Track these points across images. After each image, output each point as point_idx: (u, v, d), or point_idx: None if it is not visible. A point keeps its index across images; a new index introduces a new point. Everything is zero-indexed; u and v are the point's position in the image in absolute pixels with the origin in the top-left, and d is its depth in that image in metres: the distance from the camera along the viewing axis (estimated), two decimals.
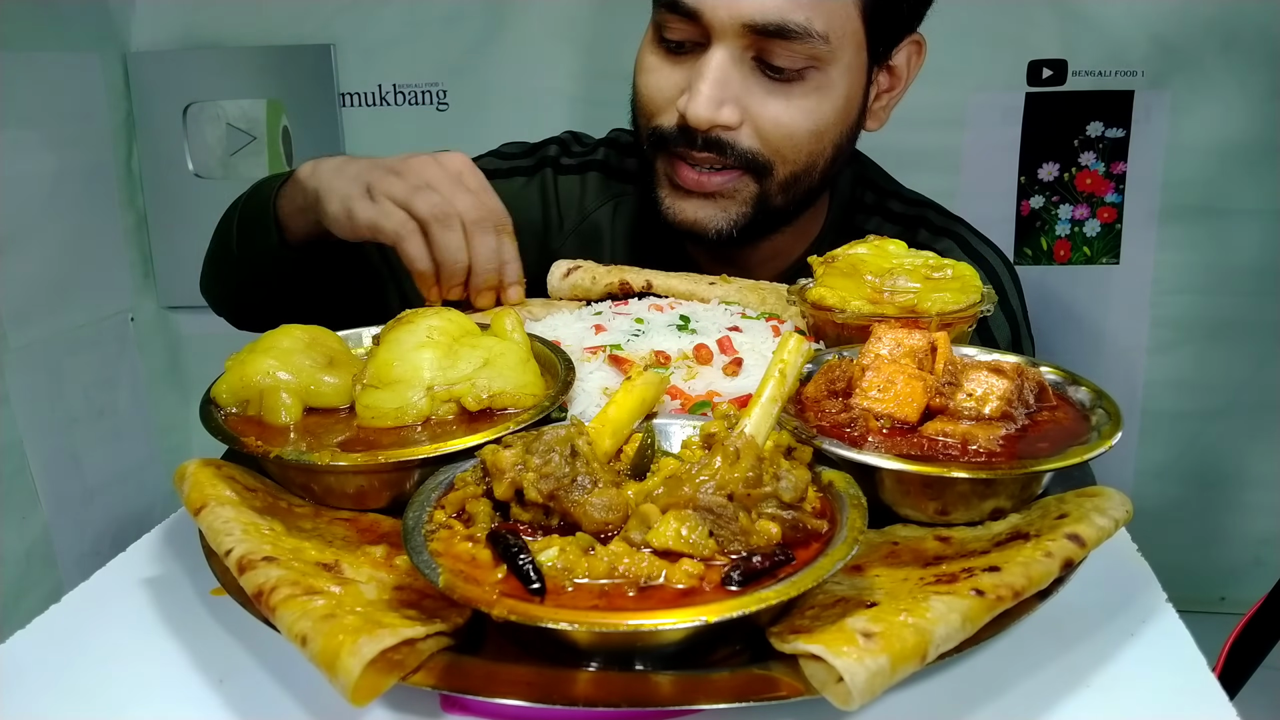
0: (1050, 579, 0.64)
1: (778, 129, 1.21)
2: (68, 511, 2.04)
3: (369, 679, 0.56)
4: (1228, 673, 1.42)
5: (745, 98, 1.19)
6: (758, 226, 1.28)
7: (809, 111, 1.21)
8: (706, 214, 1.26)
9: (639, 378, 0.80)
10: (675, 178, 1.26)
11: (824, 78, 1.20)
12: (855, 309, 0.97)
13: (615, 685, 0.58)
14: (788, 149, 1.23)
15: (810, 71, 1.19)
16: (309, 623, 0.58)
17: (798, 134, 1.22)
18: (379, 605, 0.62)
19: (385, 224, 1.10)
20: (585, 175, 1.46)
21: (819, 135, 1.24)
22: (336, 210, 1.14)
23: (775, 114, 1.20)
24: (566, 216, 1.45)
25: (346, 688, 0.55)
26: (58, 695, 0.65)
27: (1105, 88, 2.10)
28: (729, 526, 0.63)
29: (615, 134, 1.50)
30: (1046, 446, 0.74)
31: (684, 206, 1.27)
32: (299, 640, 0.58)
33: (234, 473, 0.78)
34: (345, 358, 0.88)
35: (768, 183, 1.24)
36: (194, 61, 2.25)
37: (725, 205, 1.26)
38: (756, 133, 1.21)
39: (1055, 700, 0.62)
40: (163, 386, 2.34)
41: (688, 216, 1.27)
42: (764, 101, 1.20)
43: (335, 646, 0.56)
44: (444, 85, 2.21)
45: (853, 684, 0.53)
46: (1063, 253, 2.21)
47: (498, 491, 0.68)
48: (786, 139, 1.22)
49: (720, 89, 1.17)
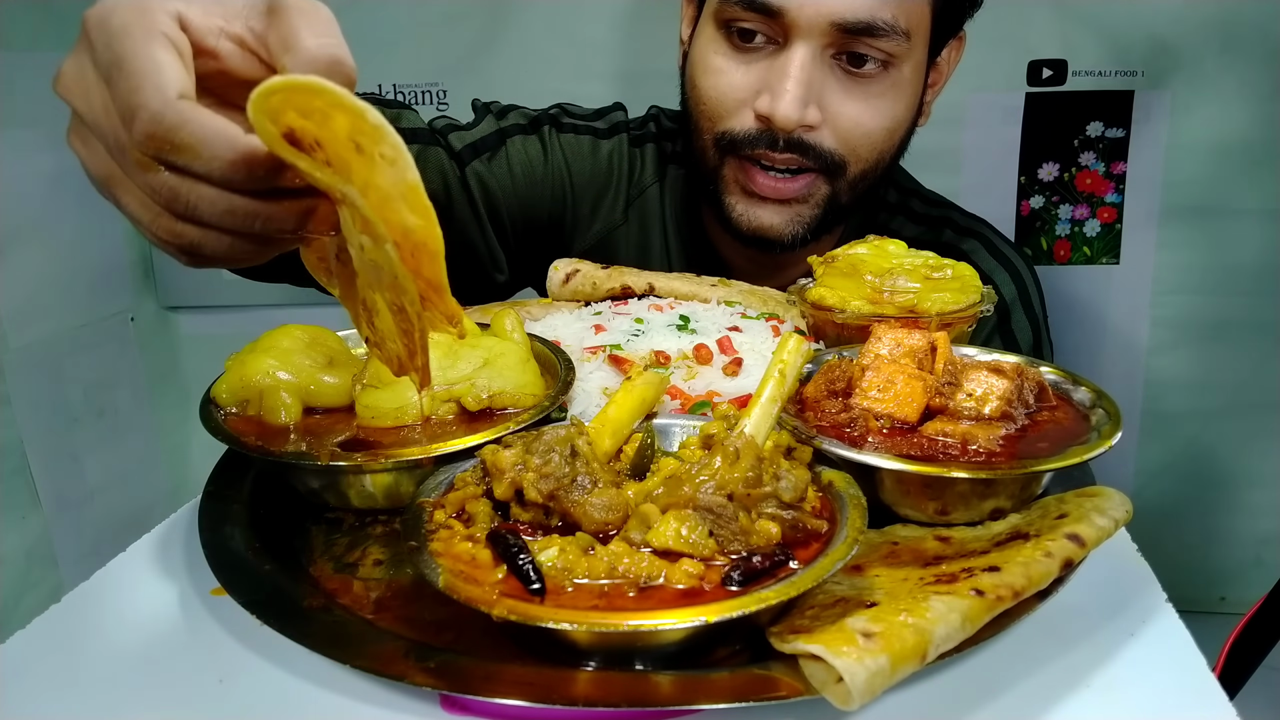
0: (1050, 579, 0.64)
1: (857, 128, 1.20)
2: (68, 511, 2.04)
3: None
4: (1228, 673, 1.42)
5: (825, 97, 1.18)
6: (822, 227, 1.28)
7: (885, 110, 1.21)
8: (781, 220, 1.25)
9: (639, 378, 0.80)
10: (749, 184, 1.23)
11: (899, 75, 1.20)
12: (855, 309, 0.97)
13: (615, 685, 0.58)
14: (864, 148, 1.22)
15: (888, 68, 1.18)
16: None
17: (876, 133, 1.21)
18: None
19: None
20: (644, 148, 1.44)
21: (892, 133, 1.23)
22: None
23: (855, 113, 1.19)
24: (623, 186, 1.42)
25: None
26: (58, 695, 0.65)
27: (1105, 88, 2.09)
28: (729, 526, 0.63)
29: (656, 111, 1.48)
30: (1046, 446, 0.74)
31: (758, 214, 1.25)
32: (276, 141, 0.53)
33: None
34: (345, 358, 0.88)
35: (839, 183, 1.24)
36: None
37: (799, 210, 1.25)
38: (835, 132, 1.20)
39: (1055, 700, 0.62)
40: (163, 386, 2.34)
41: (762, 223, 1.25)
42: (843, 101, 1.19)
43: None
44: (444, 85, 2.21)
45: (852, 684, 0.53)
46: (1063, 253, 2.21)
47: (498, 491, 0.68)
48: (865, 138, 1.21)
49: (806, 89, 1.15)
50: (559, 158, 1.36)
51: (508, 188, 1.32)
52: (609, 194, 1.41)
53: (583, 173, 1.38)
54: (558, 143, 1.36)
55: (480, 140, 1.30)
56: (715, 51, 1.22)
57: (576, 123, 1.39)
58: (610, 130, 1.41)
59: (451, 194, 1.28)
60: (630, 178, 1.42)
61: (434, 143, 1.26)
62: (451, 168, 1.28)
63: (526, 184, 1.34)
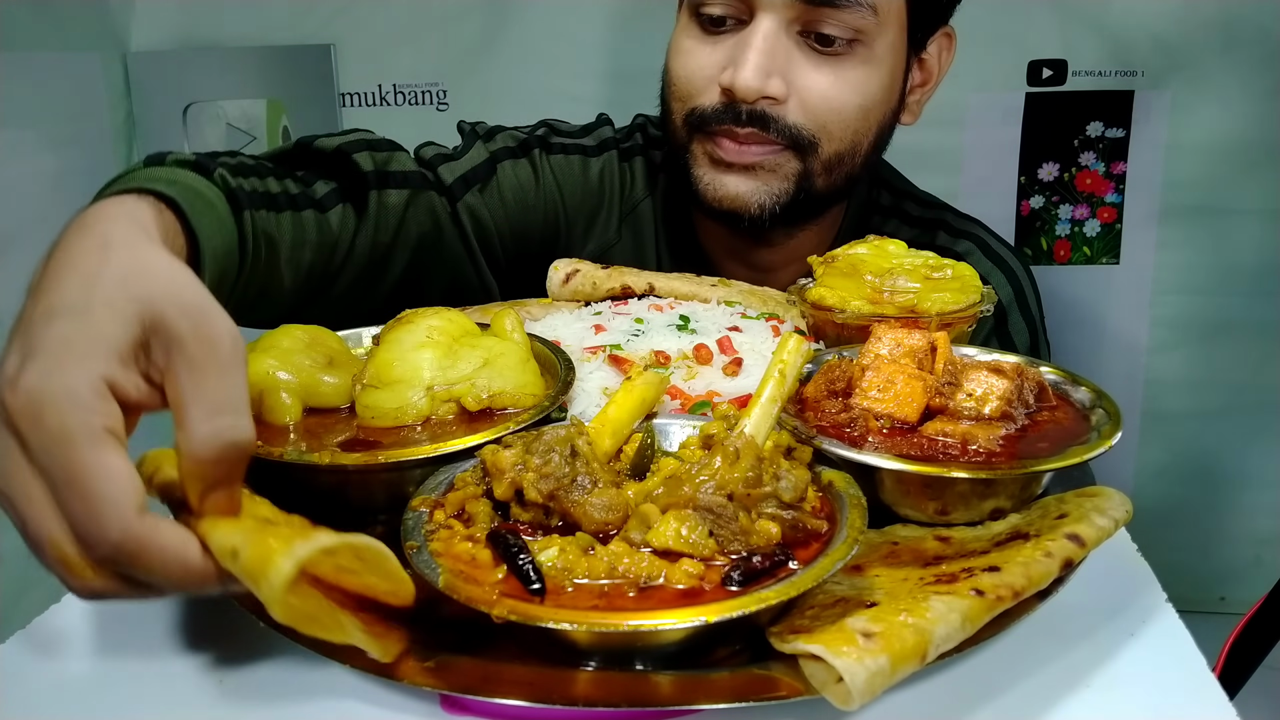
0: (1050, 579, 0.64)
1: (825, 103, 1.19)
2: None
3: (301, 597, 0.52)
4: (1228, 673, 1.42)
5: (791, 71, 1.17)
6: (798, 209, 1.26)
7: (856, 86, 1.20)
8: (748, 188, 1.23)
9: (639, 377, 0.80)
10: (715, 152, 1.22)
11: (869, 52, 1.19)
12: (855, 309, 0.97)
13: (615, 685, 0.58)
14: (835, 124, 1.21)
15: (857, 46, 1.18)
16: (240, 536, 0.54)
17: (846, 109, 1.20)
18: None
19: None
20: (633, 162, 1.43)
21: (865, 112, 1.22)
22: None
23: (823, 87, 1.18)
24: (615, 204, 1.41)
25: (274, 590, 0.51)
26: (58, 695, 0.65)
27: (1105, 88, 2.10)
28: (729, 526, 0.63)
29: (642, 120, 1.48)
30: (1046, 446, 0.74)
31: (724, 181, 1.23)
32: (229, 555, 0.53)
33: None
34: (345, 358, 0.88)
35: (812, 160, 1.22)
36: (194, 61, 2.25)
37: (767, 180, 1.23)
38: (803, 107, 1.19)
39: (1055, 700, 0.62)
40: None
41: (728, 191, 1.23)
42: (811, 75, 1.18)
43: (266, 551, 0.52)
44: (444, 85, 2.21)
45: (852, 684, 0.53)
46: (1063, 253, 2.21)
47: (497, 492, 0.68)
48: (834, 114, 1.20)
49: (768, 59, 1.15)
50: (550, 181, 1.35)
51: (500, 215, 1.31)
52: (601, 213, 1.41)
53: (575, 194, 1.37)
54: (548, 165, 1.35)
55: (471, 171, 1.29)
56: (687, 36, 1.23)
57: (565, 142, 1.39)
58: (599, 147, 1.41)
59: (443, 231, 1.26)
60: (622, 194, 1.42)
61: (424, 185, 1.24)
62: (443, 206, 1.26)
63: (519, 209, 1.33)
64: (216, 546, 0.54)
